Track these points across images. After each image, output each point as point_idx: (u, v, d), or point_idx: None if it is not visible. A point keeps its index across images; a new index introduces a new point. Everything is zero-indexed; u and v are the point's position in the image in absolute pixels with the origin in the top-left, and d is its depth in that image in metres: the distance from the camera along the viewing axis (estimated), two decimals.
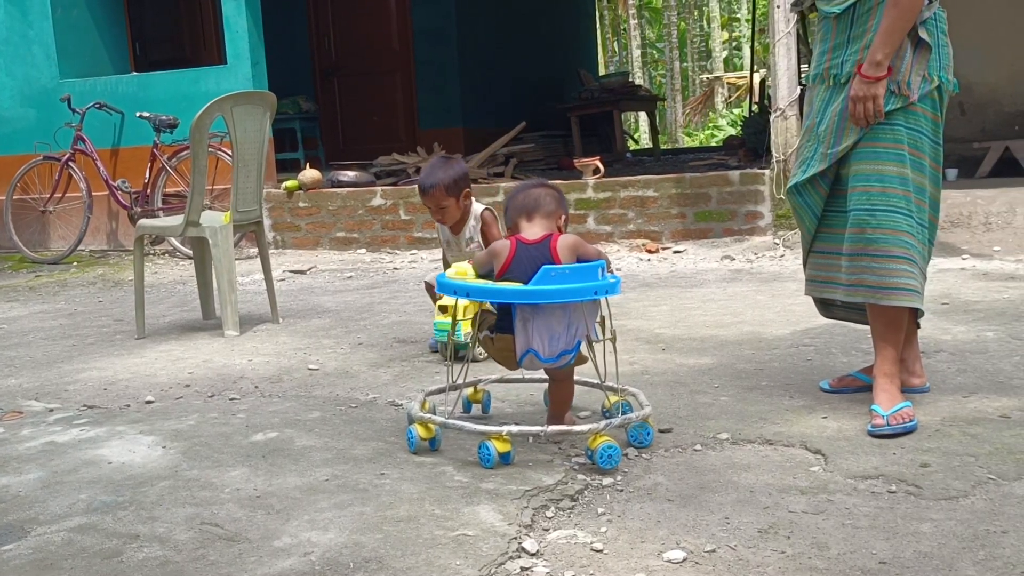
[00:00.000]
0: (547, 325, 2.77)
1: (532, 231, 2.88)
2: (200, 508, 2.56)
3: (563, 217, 2.94)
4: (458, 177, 4.03)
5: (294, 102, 10.59)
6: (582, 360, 2.93)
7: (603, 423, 2.78)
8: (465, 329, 3.62)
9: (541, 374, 3.10)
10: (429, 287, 4.29)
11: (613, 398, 3.08)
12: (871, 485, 2.51)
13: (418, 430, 2.91)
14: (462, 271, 2.92)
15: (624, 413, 2.97)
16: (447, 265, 4.07)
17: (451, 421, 2.88)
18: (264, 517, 2.48)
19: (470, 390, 3.28)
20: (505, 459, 2.76)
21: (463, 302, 3.60)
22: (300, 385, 3.84)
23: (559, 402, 2.99)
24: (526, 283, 2.72)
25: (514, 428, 2.81)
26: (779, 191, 6.83)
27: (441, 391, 3.18)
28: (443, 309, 3.79)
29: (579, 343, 2.82)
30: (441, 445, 2.95)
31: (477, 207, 4.14)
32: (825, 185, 3.14)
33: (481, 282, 2.85)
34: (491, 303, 2.92)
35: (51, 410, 3.64)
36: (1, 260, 8.77)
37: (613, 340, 2.95)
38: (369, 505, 2.53)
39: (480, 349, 3.64)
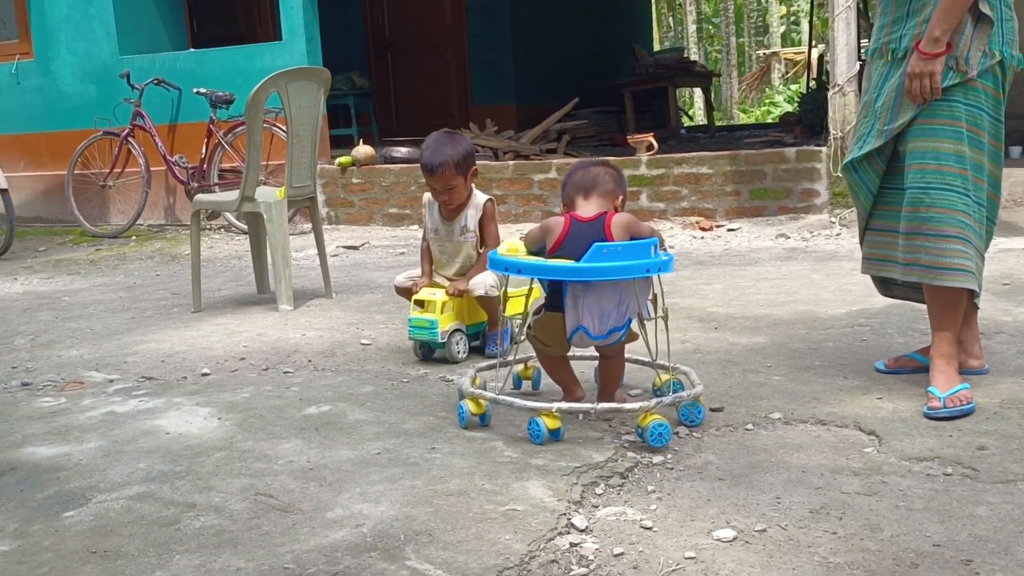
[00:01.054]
0: (597, 302, 2.77)
1: (587, 209, 2.86)
2: (255, 479, 2.61)
3: (620, 198, 2.92)
4: (467, 153, 3.72)
5: (348, 78, 10.63)
6: (632, 337, 2.92)
7: (653, 401, 2.78)
8: (443, 327, 3.64)
9: (591, 352, 3.10)
10: (401, 291, 3.96)
11: (664, 376, 3.06)
12: (926, 467, 2.48)
13: (469, 405, 2.93)
14: (513, 247, 2.91)
15: (675, 392, 2.96)
16: (428, 259, 3.91)
17: (501, 397, 2.89)
18: (317, 489, 2.52)
19: (521, 366, 3.28)
20: (555, 436, 2.77)
21: (441, 298, 3.64)
22: (353, 359, 3.88)
23: (609, 380, 2.99)
24: (578, 260, 2.71)
25: (564, 405, 2.81)
26: (836, 169, 6.73)
27: (492, 367, 3.18)
28: (420, 304, 3.72)
29: (629, 321, 2.82)
30: (491, 421, 2.97)
31: (479, 196, 3.83)
32: (882, 162, 3.09)
33: (533, 259, 2.84)
34: (541, 281, 2.90)
35: (111, 381, 3.72)
36: (63, 234, 8.95)
37: (665, 318, 2.94)
38: (420, 479, 2.55)
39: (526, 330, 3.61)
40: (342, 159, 8.28)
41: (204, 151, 8.18)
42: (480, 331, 3.85)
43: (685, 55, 15.82)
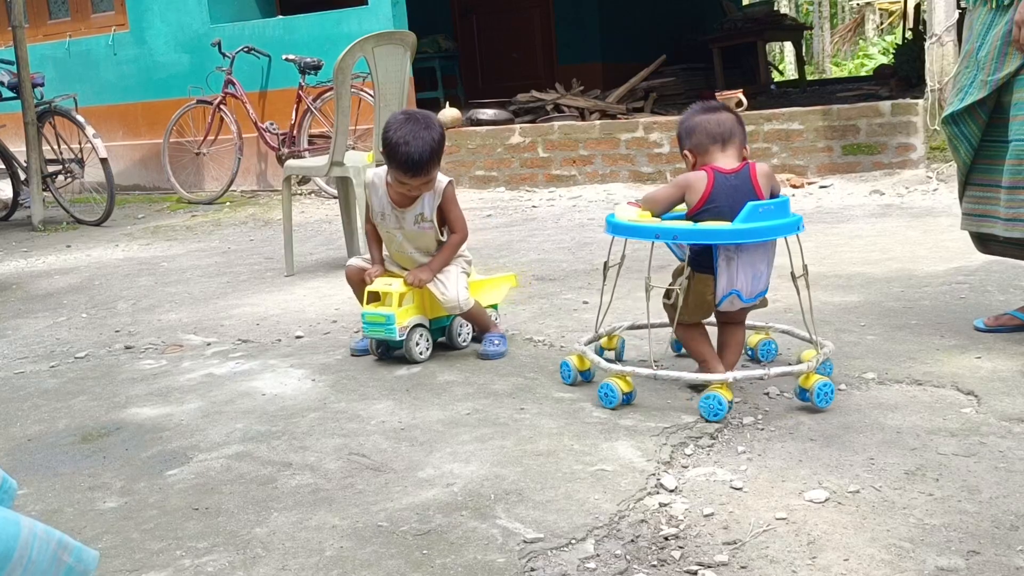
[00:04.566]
0: (752, 263, 2.65)
1: (727, 160, 2.70)
2: (348, 439, 2.66)
3: (746, 147, 2.80)
4: (443, 137, 3.21)
5: (434, 41, 10.65)
6: (765, 303, 2.84)
7: (819, 358, 2.68)
8: (402, 322, 3.25)
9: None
10: (353, 279, 3.47)
11: (757, 337, 3.01)
12: None
13: (618, 384, 2.74)
14: (644, 213, 2.72)
15: (768, 352, 2.94)
16: (376, 242, 3.45)
17: (662, 372, 2.74)
18: (408, 449, 2.56)
19: (604, 339, 3.19)
20: (722, 411, 2.59)
21: (398, 289, 3.26)
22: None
23: (737, 347, 2.87)
24: (729, 218, 2.58)
25: (739, 374, 2.67)
26: (933, 122, 6.52)
27: (598, 339, 3.14)
28: (375, 297, 3.33)
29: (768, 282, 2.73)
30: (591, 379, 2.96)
31: (439, 178, 3.33)
32: (984, 114, 2.98)
33: (686, 224, 2.65)
34: (673, 242, 2.73)
35: (208, 344, 3.82)
36: (160, 201, 9.19)
37: (805, 276, 2.78)
38: (509, 439, 2.57)
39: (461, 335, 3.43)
40: None
41: (294, 117, 8.30)
42: (446, 326, 3.48)
43: (775, 8, 15.45)
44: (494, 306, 3.61)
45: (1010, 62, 2.85)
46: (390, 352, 3.39)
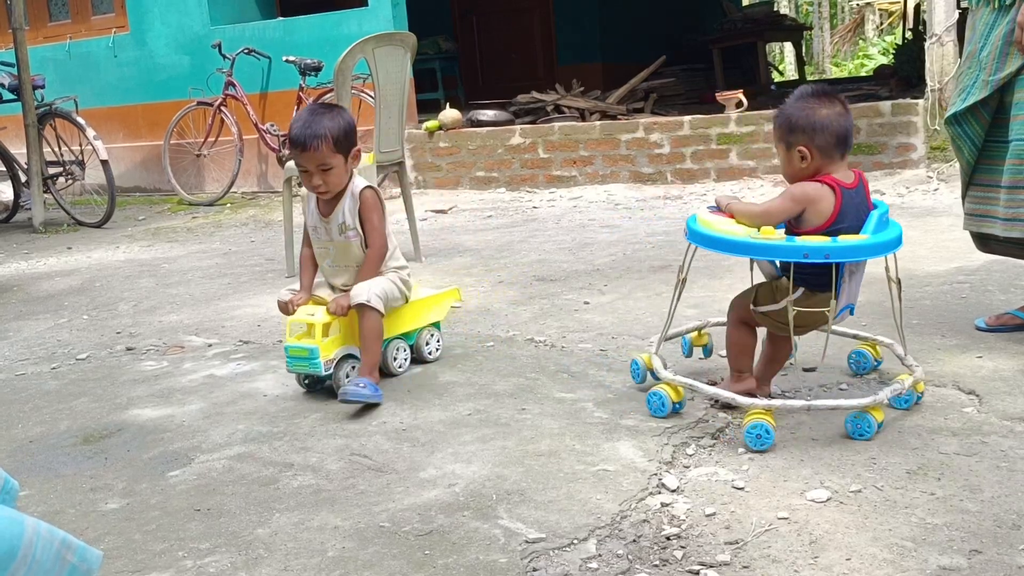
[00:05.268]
0: (860, 278, 2.56)
1: (843, 171, 2.47)
2: (349, 440, 2.66)
3: None
4: (349, 129, 3.02)
5: (434, 42, 10.65)
6: None
7: (897, 388, 2.49)
8: (327, 354, 2.97)
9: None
10: (281, 309, 3.16)
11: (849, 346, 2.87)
12: None
13: (669, 392, 2.61)
14: (768, 230, 2.39)
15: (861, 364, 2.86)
16: (309, 269, 3.18)
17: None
18: (410, 449, 2.56)
19: (694, 334, 3.06)
20: (769, 439, 2.40)
21: (322, 319, 2.98)
22: (443, 322, 3.91)
23: (782, 361, 2.73)
24: (856, 231, 2.41)
25: (776, 403, 2.45)
26: (933, 122, 6.52)
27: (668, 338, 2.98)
28: (300, 328, 3.01)
29: None
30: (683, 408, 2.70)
31: (359, 182, 3.11)
32: (987, 114, 2.98)
33: (843, 239, 2.36)
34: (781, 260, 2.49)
35: (210, 345, 3.83)
36: (160, 202, 9.19)
37: (899, 286, 2.66)
38: (511, 439, 2.57)
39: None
40: (429, 123, 8.32)
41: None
42: (412, 343, 3.29)
43: (775, 8, 15.46)
44: (436, 324, 3.39)
45: (1011, 62, 2.86)
46: (318, 385, 3.11)
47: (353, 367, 3.05)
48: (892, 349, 2.81)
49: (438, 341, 3.38)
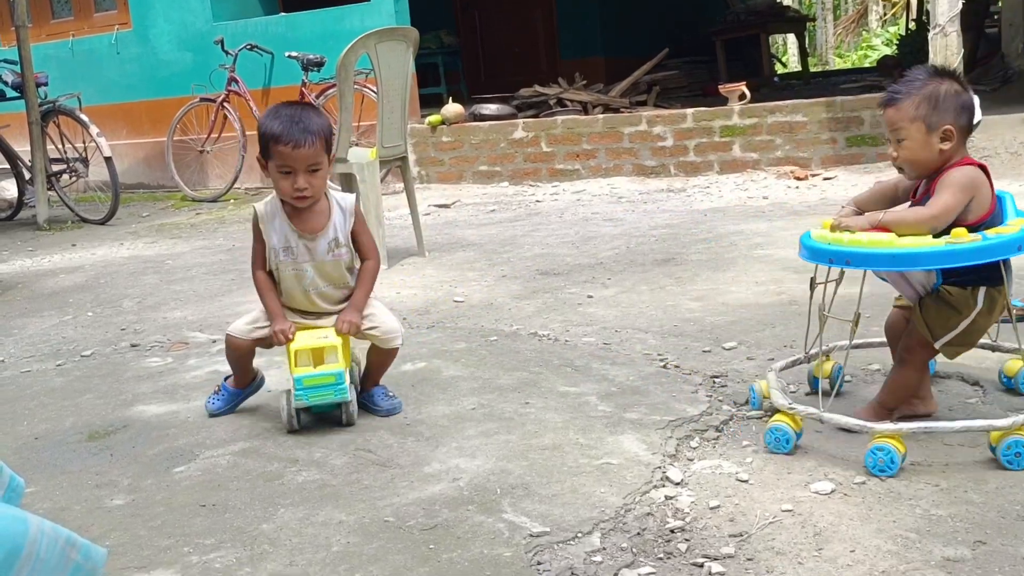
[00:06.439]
0: None
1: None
2: (353, 434, 2.66)
3: None
4: (331, 129, 2.77)
5: (436, 36, 10.64)
6: None
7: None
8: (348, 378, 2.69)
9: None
10: (241, 345, 2.85)
11: (1018, 364, 2.61)
12: None
13: (789, 424, 2.32)
14: (962, 232, 2.11)
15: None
16: (271, 292, 2.80)
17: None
18: (414, 444, 2.56)
19: (815, 361, 2.65)
20: (896, 463, 2.17)
21: (334, 341, 2.66)
22: (446, 316, 3.92)
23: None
24: (1002, 224, 2.23)
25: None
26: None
27: (796, 363, 2.71)
28: (305, 357, 2.68)
29: None
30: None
31: (342, 195, 2.85)
32: None
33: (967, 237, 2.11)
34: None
35: (214, 341, 3.83)
36: (164, 199, 9.20)
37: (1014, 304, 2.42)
38: (515, 433, 2.57)
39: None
40: (432, 118, 8.32)
41: None
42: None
43: (778, 0, 15.43)
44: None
45: None
46: (299, 417, 2.74)
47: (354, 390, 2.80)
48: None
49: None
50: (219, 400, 2.96)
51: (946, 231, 2.17)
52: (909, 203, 2.37)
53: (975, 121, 2.28)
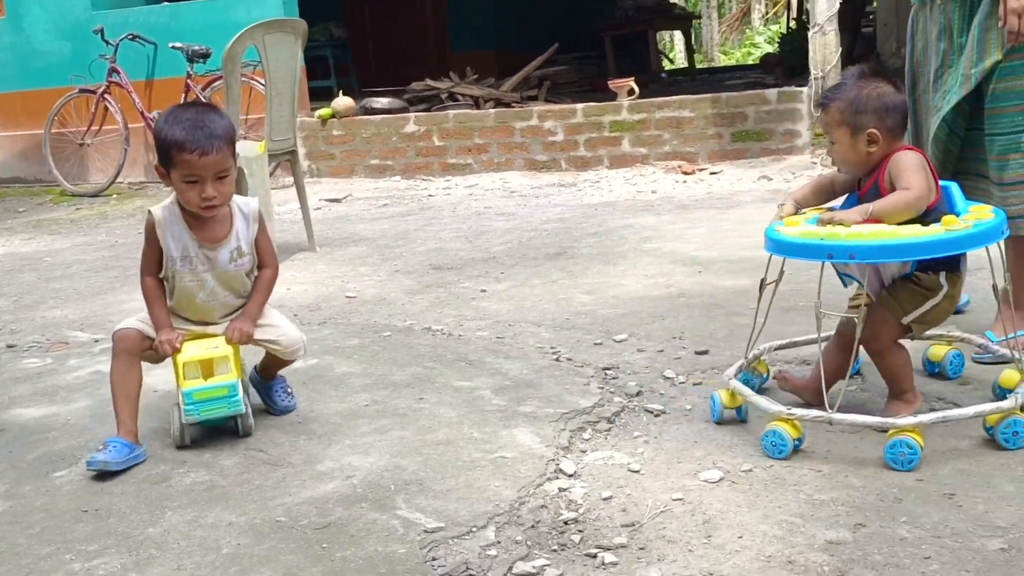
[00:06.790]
0: None
1: None
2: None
3: None
4: (234, 127, 2.62)
5: (325, 28, 10.50)
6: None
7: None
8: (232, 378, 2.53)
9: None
10: (134, 346, 2.65)
11: (943, 348, 2.68)
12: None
13: (787, 429, 2.27)
14: (952, 219, 2.17)
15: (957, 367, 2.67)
16: (160, 300, 2.65)
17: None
18: (306, 442, 2.53)
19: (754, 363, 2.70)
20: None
21: (230, 350, 2.56)
22: (338, 312, 3.88)
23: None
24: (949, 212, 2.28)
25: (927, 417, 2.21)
26: (817, 109, 6.71)
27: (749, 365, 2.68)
28: (193, 369, 2.55)
29: None
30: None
31: (244, 201, 2.67)
32: (967, 104, 2.81)
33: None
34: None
35: (96, 341, 3.71)
36: (42, 194, 8.87)
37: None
38: (408, 429, 2.56)
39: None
40: (322, 111, 8.22)
41: None
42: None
43: None
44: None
45: (991, 52, 2.70)
46: (185, 434, 2.57)
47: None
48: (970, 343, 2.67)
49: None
50: (112, 453, 2.43)
51: (936, 220, 2.22)
52: (854, 193, 2.44)
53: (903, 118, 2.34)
